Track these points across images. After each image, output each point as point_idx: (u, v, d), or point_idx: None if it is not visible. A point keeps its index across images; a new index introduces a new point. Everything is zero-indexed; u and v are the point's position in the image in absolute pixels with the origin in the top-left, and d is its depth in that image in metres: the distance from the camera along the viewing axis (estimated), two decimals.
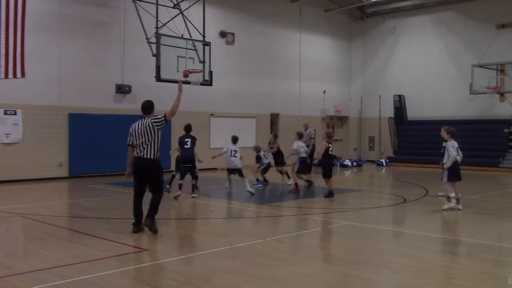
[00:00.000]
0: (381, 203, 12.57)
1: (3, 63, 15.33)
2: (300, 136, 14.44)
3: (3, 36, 15.29)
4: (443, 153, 11.31)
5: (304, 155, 13.72)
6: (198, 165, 12.94)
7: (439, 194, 12.53)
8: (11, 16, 15.43)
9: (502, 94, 22.24)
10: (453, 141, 10.95)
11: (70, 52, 16.79)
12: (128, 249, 7.16)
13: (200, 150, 20.13)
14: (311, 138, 19.93)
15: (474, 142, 22.09)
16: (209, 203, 12.43)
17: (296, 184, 13.67)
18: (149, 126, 7.99)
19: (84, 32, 17.18)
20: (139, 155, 7.99)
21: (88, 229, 8.47)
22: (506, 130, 21.70)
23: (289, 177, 15.01)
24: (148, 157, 7.95)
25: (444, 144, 11.29)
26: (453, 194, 10.74)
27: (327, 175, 12.26)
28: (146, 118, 8.17)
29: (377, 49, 26.90)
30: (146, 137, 7.96)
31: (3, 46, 15.31)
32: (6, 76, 15.40)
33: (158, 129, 8.04)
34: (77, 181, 16.06)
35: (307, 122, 20.56)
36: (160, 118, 8.06)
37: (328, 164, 12.38)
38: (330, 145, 12.29)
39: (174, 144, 19.21)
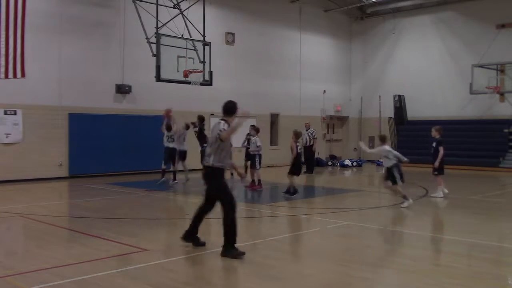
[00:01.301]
0: (381, 203, 12.56)
1: (3, 63, 15.32)
2: (257, 131, 14.67)
3: (3, 36, 15.29)
4: (433, 153, 12.30)
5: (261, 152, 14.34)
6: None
7: (431, 195, 12.56)
8: (11, 16, 15.42)
9: (502, 94, 22.23)
10: (386, 146, 11.27)
11: (70, 52, 16.79)
12: (128, 249, 7.15)
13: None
14: (314, 138, 19.79)
15: (474, 142, 22.11)
16: None
17: (258, 181, 14.17)
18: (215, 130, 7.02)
19: (84, 32, 17.18)
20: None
21: (88, 229, 8.46)
22: (506, 130, 21.68)
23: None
24: (206, 163, 6.99)
25: (433, 144, 11.86)
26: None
27: (293, 172, 12.60)
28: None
29: (377, 49, 26.89)
30: (211, 139, 7.11)
31: (3, 46, 15.30)
32: (6, 76, 15.39)
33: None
34: (77, 181, 16.05)
35: (309, 122, 20.53)
36: (220, 130, 6.98)
37: (297, 162, 12.72)
38: (297, 143, 12.81)
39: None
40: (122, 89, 18.05)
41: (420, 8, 25.18)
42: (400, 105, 25.27)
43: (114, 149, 17.63)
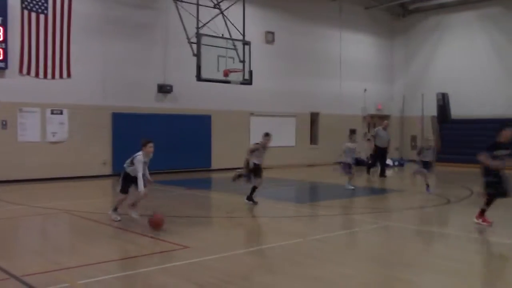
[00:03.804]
0: (424, 204, 12.28)
1: (50, 64, 15.84)
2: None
3: (50, 38, 15.81)
4: None
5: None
6: None
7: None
8: (57, 19, 15.92)
9: None
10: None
11: (114, 53, 17.15)
12: (169, 246, 7.25)
13: (241, 149, 20.30)
14: (389, 140, 18.61)
15: None
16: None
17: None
18: None
19: (128, 33, 17.50)
20: None
21: (130, 226, 8.62)
22: None
23: None
24: None
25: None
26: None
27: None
28: None
29: (420, 46, 26.33)
30: None
31: (50, 48, 15.82)
32: (53, 77, 15.91)
33: None
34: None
35: (387, 121, 19.68)
36: None
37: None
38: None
39: (216, 141, 19.42)
40: (164, 89, 18.32)
41: (465, 4, 24.51)
42: (443, 103, 24.66)
43: (156, 148, 17.84)
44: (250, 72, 16.49)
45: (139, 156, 9.47)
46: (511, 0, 23.00)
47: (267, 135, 11.19)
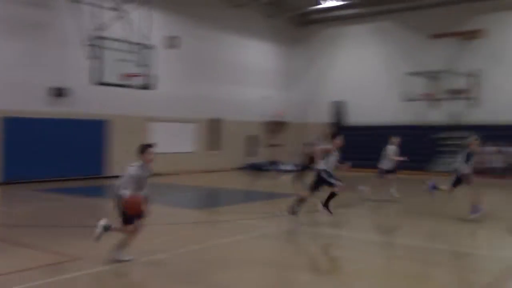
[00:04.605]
0: (318, 207, 12.71)
1: None
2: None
3: None
4: None
5: None
6: None
7: None
8: None
9: (435, 101, 23.23)
10: None
11: (4, 54, 16.05)
12: (58, 258, 6.90)
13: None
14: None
15: (407, 147, 22.86)
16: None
17: None
18: None
19: (20, 33, 16.47)
20: None
21: (18, 238, 8.11)
22: (436, 136, 22.60)
23: None
24: None
25: None
26: None
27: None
28: None
29: (319, 55, 27.47)
30: None
31: None
32: None
33: None
34: (12, 188, 15.31)
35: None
36: None
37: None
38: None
39: (113, 147, 18.81)
40: (59, 92, 17.42)
41: (361, 17, 25.98)
42: (339, 110, 25.92)
43: (50, 154, 17.02)
44: (152, 77, 16.20)
45: (132, 168, 6.85)
46: (400, 16, 24.75)
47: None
